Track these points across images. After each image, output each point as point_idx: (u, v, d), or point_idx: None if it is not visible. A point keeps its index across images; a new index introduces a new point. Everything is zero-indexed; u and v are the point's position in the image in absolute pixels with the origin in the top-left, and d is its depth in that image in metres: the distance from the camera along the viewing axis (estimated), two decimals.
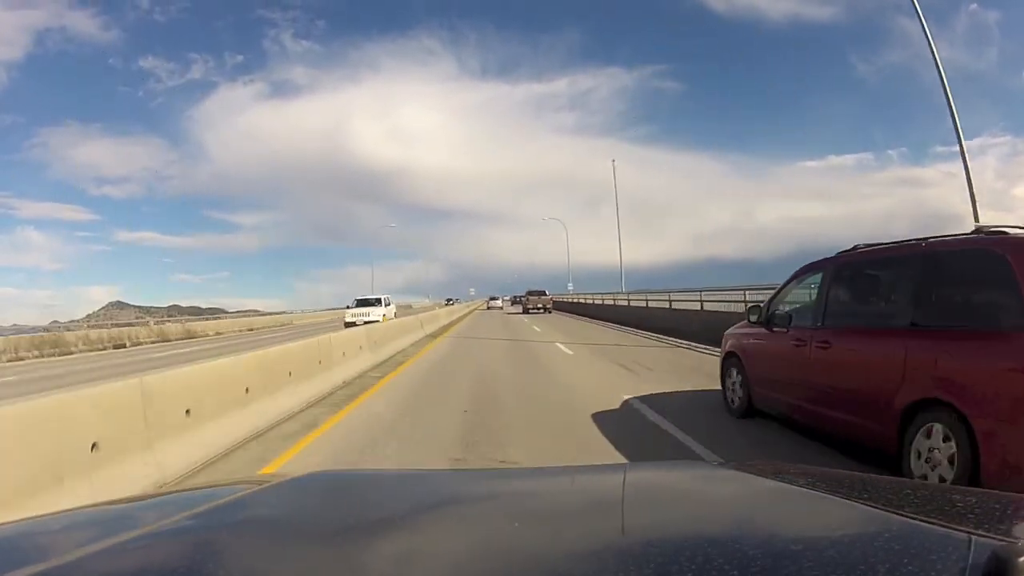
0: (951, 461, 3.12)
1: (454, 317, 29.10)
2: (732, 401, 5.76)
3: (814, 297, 4.69)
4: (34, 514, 1.12)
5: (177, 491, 1.41)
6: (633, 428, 5.39)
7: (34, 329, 26.08)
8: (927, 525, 0.80)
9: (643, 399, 6.61)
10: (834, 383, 4.21)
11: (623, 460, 4.31)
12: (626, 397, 6.70)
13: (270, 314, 48.69)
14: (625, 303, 24.19)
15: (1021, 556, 0.53)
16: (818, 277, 4.73)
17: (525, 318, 28.46)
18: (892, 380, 3.56)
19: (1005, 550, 0.55)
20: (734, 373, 5.74)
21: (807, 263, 5.09)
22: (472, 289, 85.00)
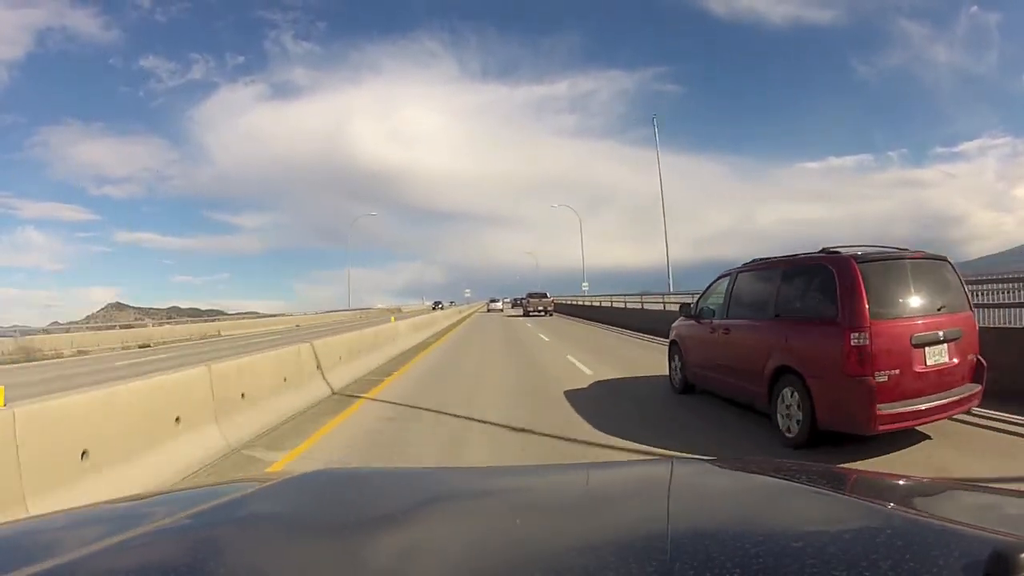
0: (799, 407, 4.60)
1: (424, 335, 17.75)
2: (673, 380, 7.25)
3: (733, 292, 6.04)
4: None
5: (179, 490, 1.41)
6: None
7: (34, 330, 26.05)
8: (929, 521, 0.80)
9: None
10: (732, 359, 5.79)
11: None
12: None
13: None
14: (635, 305, 22.91)
15: (1022, 552, 0.53)
16: (726, 281, 6.22)
17: (529, 323, 26.14)
18: (763, 355, 5.11)
19: (1006, 546, 0.55)
20: (676, 358, 7.18)
21: (722, 271, 6.48)
22: (468, 290, 79.05)
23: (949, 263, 4.95)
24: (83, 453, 3.48)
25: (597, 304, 30.53)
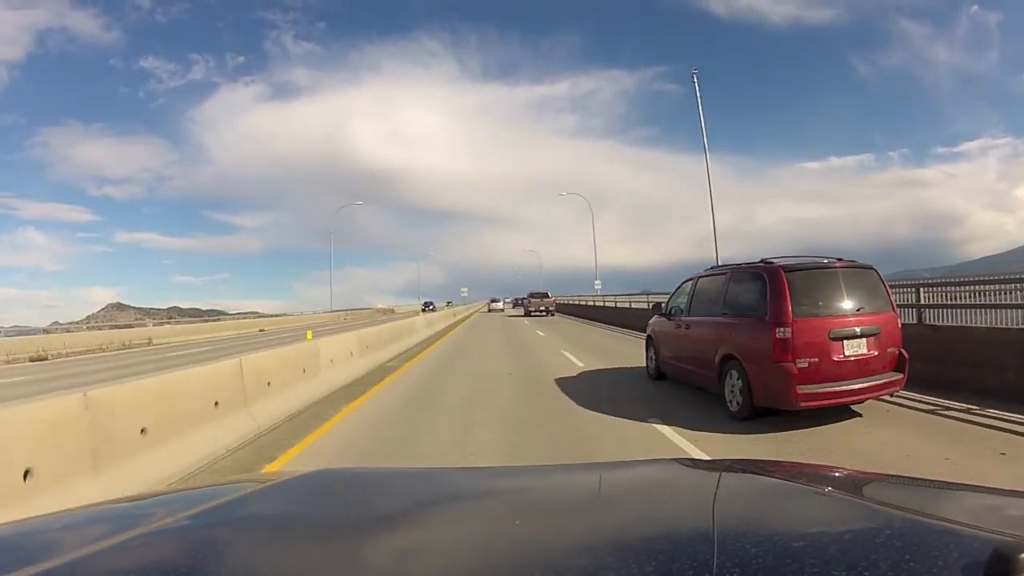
0: (739, 389, 5.62)
1: (379, 358, 11.78)
2: (649, 369, 8.48)
3: (695, 294, 7.20)
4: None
5: (179, 490, 1.42)
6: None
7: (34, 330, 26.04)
8: (929, 522, 0.80)
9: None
10: (692, 350, 6.87)
11: None
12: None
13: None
14: (641, 304, 21.75)
15: (1022, 553, 0.53)
16: (689, 283, 7.46)
17: (536, 327, 23.84)
18: (714, 346, 6.18)
19: (1007, 546, 0.55)
20: (651, 350, 8.41)
21: (689, 277, 7.62)
22: (465, 289, 68.62)
23: (875, 271, 5.81)
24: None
25: (599, 304, 30.55)
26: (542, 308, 36.07)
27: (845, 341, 5.31)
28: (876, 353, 5.40)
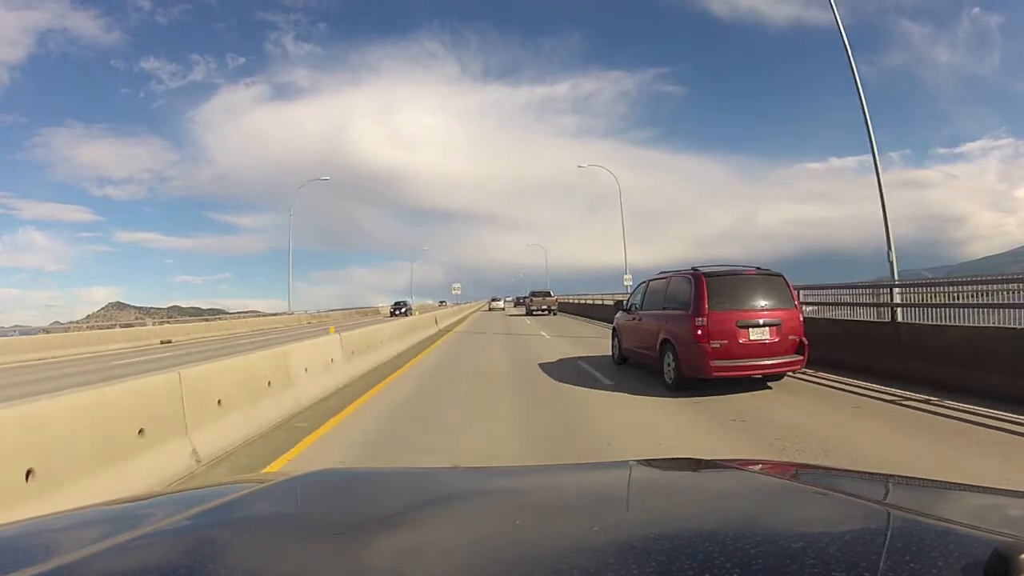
0: (672, 366, 7.34)
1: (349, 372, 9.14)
2: (613, 355, 10.38)
3: (645, 295, 9.14)
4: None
5: (179, 491, 1.41)
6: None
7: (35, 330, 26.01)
8: (928, 522, 0.80)
9: None
10: (643, 337, 8.65)
11: None
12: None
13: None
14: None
15: (1022, 553, 0.53)
16: (643, 285, 9.40)
17: (538, 326, 23.59)
18: (657, 333, 7.95)
19: (1007, 547, 0.55)
20: (615, 340, 10.29)
21: (643, 280, 9.60)
22: (457, 286, 53.43)
23: (783, 278, 7.59)
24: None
25: (599, 303, 30.72)
26: (544, 307, 35.80)
27: (750, 329, 7.06)
28: (778, 339, 7.11)
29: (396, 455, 5.03)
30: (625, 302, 10.39)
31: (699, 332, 7.01)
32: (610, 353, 10.79)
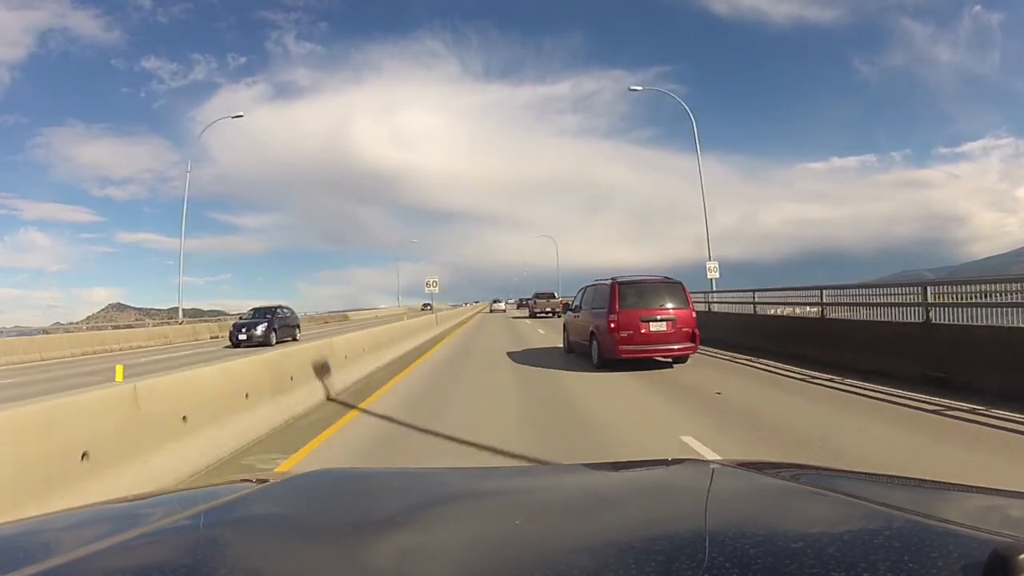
0: (596, 352, 10.05)
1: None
2: (564, 346, 13.02)
3: (583, 297, 11.69)
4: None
5: (179, 490, 1.41)
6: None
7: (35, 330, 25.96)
8: (927, 522, 0.79)
9: None
10: (581, 331, 11.09)
11: None
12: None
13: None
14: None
15: (1022, 554, 0.53)
16: (582, 291, 12.01)
17: (540, 328, 23.22)
18: (589, 327, 10.50)
19: (1006, 547, 0.55)
20: (564, 334, 13.06)
21: (585, 284, 11.99)
22: (432, 280, 28.49)
23: (681, 285, 10.13)
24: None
25: None
26: (548, 309, 34.55)
27: (651, 323, 9.55)
28: (673, 331, 9.57)
29: None
30: (572, 303, 13.19)
31: (612, 325, 9.58)
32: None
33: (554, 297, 37.04)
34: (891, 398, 6.73)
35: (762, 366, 9.80)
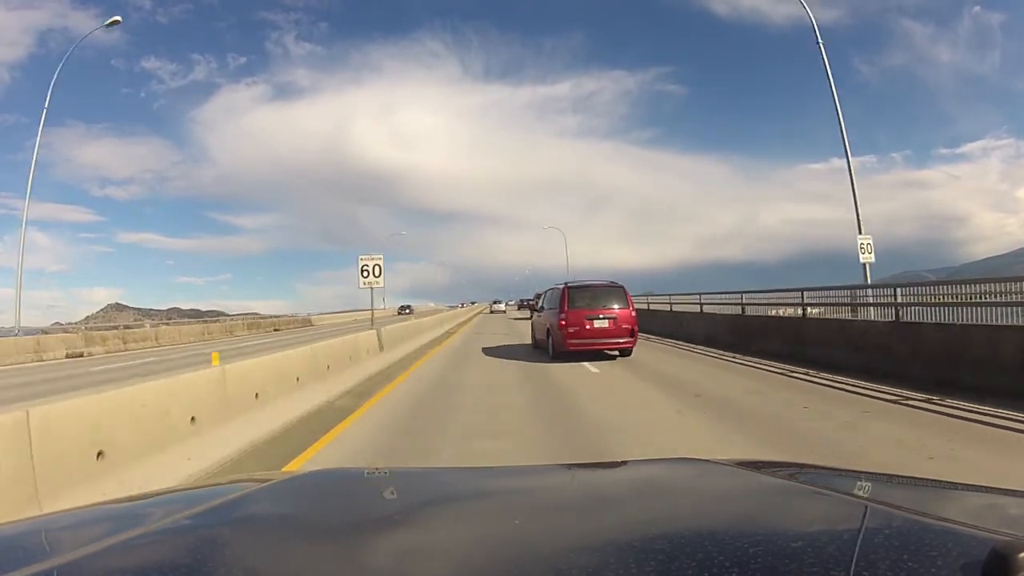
0: (551, 345, 12.01)
1: None
2: (532, 342, 14.73)
3: (544, 299, 13.95)
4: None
5: (179, 490, 1.41)
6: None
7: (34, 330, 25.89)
8: (927, 521, 0.80)
9: None
10: (541, 328, 13.15)
11: None
12: None
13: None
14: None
15: (1021, 552, 0.53)
16: (543, 293, 14.78)
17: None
18: (546, 325, 12.55)
19: (1005, 546, 0.55)
20: (532, 331, 14.94)
21: (547, 288, 14.27)
22: (373, 265, 13.57)
23: (622, 288, 11.98)
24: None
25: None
26: None
27: (595, 321, 11.27)
28: (614, 328, 11.36)
29: None
30: (536, 304, 16.40)
31: (562, 322, 11.35)
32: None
33: None
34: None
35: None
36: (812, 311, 11.40)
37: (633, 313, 11.67)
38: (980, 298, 7.78)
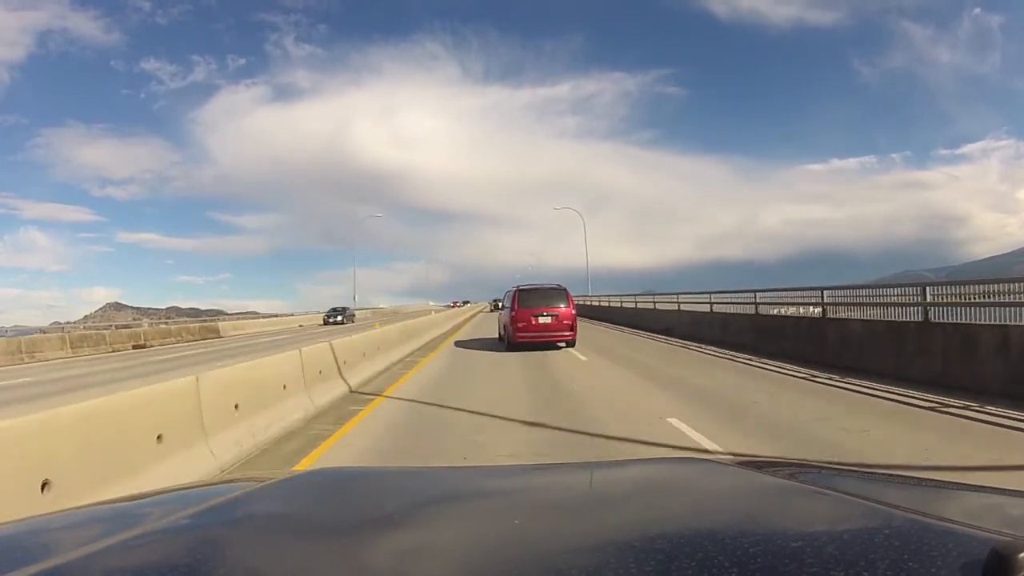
0: (506, 338, 15.12)
1: None
2: (498, 336, 17.00)
3: (504, 300, 17.53)
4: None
5: (179, 490, 1.41)
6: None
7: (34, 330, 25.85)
8: (927, 521, 0.80)
9: None
10: (502, 324, 16.08)
11: None
12: None
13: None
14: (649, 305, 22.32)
15: (1021, 552, 0.54)
16: (507, 293, 16.41)
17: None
18: (504, 322, 15.60)
19: (1005, 546, 0.55)
20: (497, 326, 17.63)
21: (509, 289, 16.04)
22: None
23: (565, 290, 14.59)
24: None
25: (619, 305, 29.00)
26: None
27: (539, 317, 13.69)
28: (556, 323, 13.77)
29: None
30: (500, 305, 19.95)
31: (513, 318, 13.92)
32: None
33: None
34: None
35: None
36: (813, 311, 11.96)
37: (573, 311, 14.26)
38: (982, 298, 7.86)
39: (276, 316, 46.10)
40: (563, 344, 13.94)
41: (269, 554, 0.83)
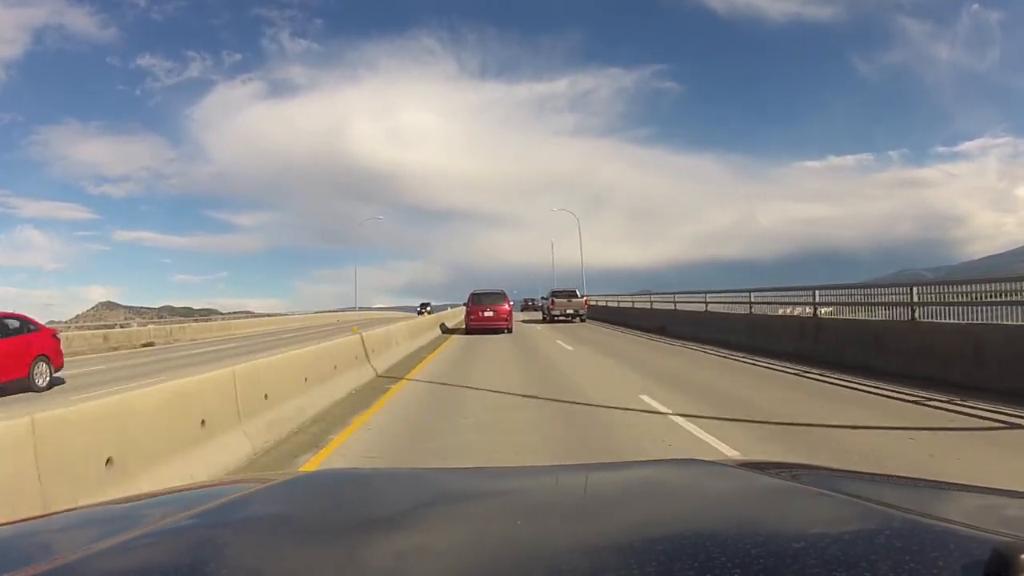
0: (464, 324, 22.73)
1: None
2: (464, 327, 22.32)
3: (468, 300, 22.36)
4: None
5: (179, 490, 1.40)
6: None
7: None
8: (929, 522, 0.80)
9: None
10: (464, 317, 22.30)
11: None
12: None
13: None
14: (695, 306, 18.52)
15: (1022, 553, 0.54)
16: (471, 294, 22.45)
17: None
18: (465, 314, 22.73)
19: (1007, 547, 0.56)
20: (465, 319, 22.41)
21: (472, 291, 22.17)
22: None
23: (504, 292, 21.79)
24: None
25: (631, 305, 26.69)
26: (570, 311, 26.95)
27: (485, 312, 20.53)
28: (496, 316, 20.52)
29: None
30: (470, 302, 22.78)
31: (469, 312, 20.74)
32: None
33: (576, 296, 28.72)
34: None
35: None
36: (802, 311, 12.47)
37: (508, 307, 20.91)
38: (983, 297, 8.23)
39: (269, 316, 44.38)
40: (504, 331, 20.25)
41: (270, 555, 0.82)
